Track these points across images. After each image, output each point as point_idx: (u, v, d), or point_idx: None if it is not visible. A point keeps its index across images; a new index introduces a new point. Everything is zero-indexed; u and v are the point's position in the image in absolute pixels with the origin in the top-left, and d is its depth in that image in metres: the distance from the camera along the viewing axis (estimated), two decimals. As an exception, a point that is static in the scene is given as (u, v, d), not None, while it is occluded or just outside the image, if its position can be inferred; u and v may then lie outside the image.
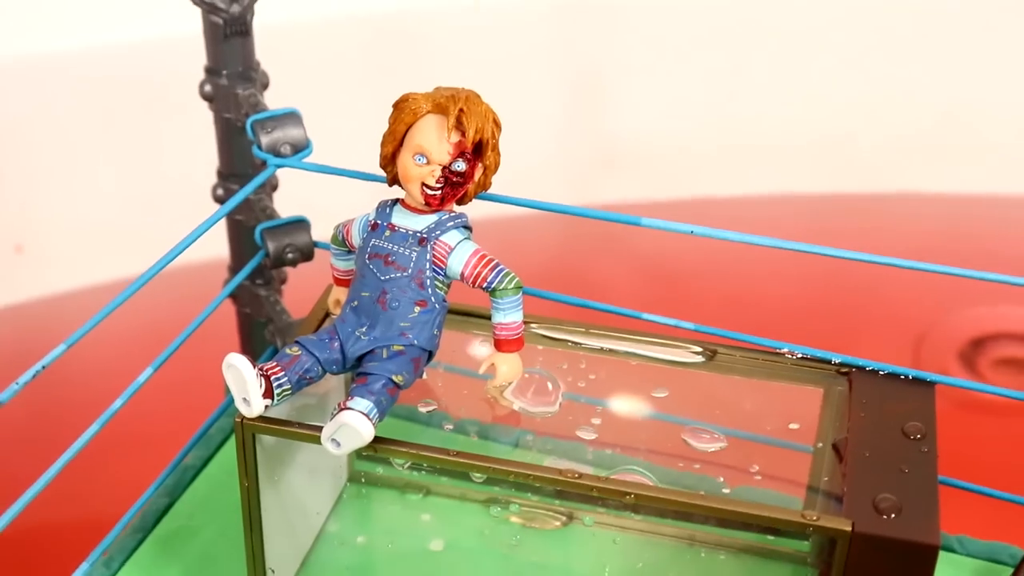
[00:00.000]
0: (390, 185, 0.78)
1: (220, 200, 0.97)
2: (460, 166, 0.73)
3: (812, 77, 1.87)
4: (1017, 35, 1.82)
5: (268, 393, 0.73)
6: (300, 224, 0.92)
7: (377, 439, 0.72)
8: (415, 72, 1.82)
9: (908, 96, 1.83)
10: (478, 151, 0.74)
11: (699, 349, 0.83)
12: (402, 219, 0.76)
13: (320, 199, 1.05)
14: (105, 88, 1.72)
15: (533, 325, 0.85)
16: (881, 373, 0.81)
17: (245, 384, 0.73)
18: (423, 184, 0.73)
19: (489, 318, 0.81)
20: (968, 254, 1.62)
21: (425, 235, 0.75)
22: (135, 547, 0.89)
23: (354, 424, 0.70)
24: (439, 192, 0.74)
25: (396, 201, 0.77)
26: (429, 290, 0.75)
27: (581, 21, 1.92)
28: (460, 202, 0.76)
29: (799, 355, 0.82)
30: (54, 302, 1.60)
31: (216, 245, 1.05)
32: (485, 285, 0.75)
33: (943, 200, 1.75)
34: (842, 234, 1.72)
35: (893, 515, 0.70)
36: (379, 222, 0.76)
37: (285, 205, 0.99)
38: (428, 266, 0.75)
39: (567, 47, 1.92)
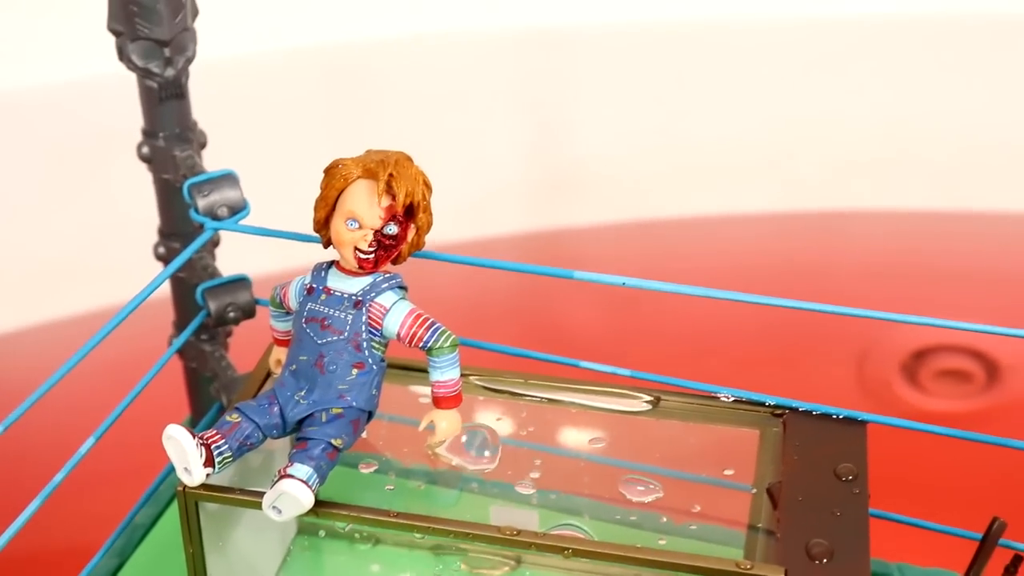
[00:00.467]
0: (325, 248, 0.79)
1: (162, 259, 0.98)
2: (392, 229, 0.75)
3: (756, 99, 1.90)
4: (954, 54, 1.85)
5: (209, 462, 0.74)
6: (240, 283, 0.92)
7: (319, 503, 0.73)
8: (365, 105, 1.83)
9: (848, 115, 1.86)
10: (409, 213, 0.75)
11: (639, 396, 0.84)
12: (337, 282, 0.77)
13: (261, 252, 1.06)
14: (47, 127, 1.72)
15: (472, 377, 0.86)
16: (814, 414, 0.83)
17: (185, 455, 0.73)
18: (356, 248, 0.75)
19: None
20: (911, 267, 1.66)
21: (360, 298, 0.76)
22: None
23: (293, 493, 0.71)
24: (372, 256, 0.75)
25: (331, 264, 0.78)
26: (366, 351, 0.76)
27: (531, 50, 1.95)
28: (395, 262, 0.77)
29: (734, 399, 0.84)
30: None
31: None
32: (421, 345, 0.76)
33: (886, 216, 1.78)
34: (791, 252, 1.76)
35: (825, 560, 0.71)
36: (315, 286, 0.77)
37: (227, 260, 1.00)
38: (364, 328, 0.76)
39: (518, 75, 1.94)
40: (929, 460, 1.22)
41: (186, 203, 0.95)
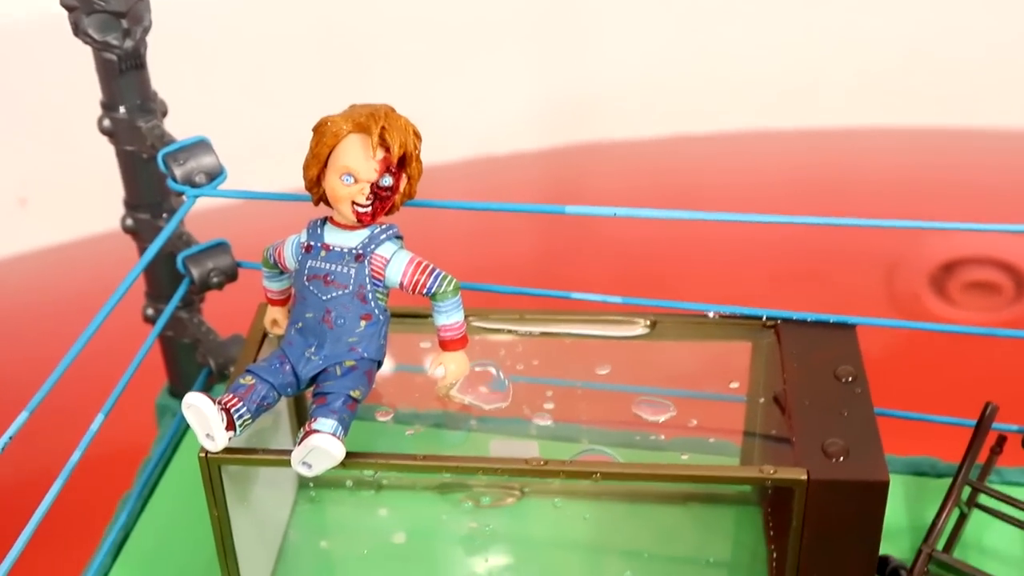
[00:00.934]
0: (316, 204, 0.79)
1: (130, 231, 0.96)
2: (387, 181, 0.75)
3: (778, 14, 1.88)
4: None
5: (230, 425, 0.74)
6: (221, 247, 0.92)
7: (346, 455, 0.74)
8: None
9: (873, 30, 1.84)
10: (401, 164, 0.76)
11: (636, 321, 0.86)
12: (335, 238, 0.77)
13: (237, 215, 1.05)
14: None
15: (470, 318, 0.87)
16: (805, 322, 0.85)
17: (207, 421, 0.74)
18: (353, 203, 0.75)
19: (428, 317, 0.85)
20: (937, 184, 1.68)
21: (361, 251, 0.76)
22: None
23: (325, 446, 0.72)
24: (370, 208, 0.75)
25: (325, 220, 0.78)
26: (372, 303, 0.76)
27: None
28: (388, 213, 0.78)
29: (728, 314, 0.86)
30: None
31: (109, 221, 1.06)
32: (425, 291, 0.77)
33: (913, 133, 1.79)
34: (816, 168, 1.76)
35: (842, 458, 0.74)
36: (312, 243, 0.77)
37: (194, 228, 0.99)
38: (368, 280, 0.76)
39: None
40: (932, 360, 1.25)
41: (152, 173, 0.94)
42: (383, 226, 0.77)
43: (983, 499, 0.88)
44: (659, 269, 1.49)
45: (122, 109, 0.90)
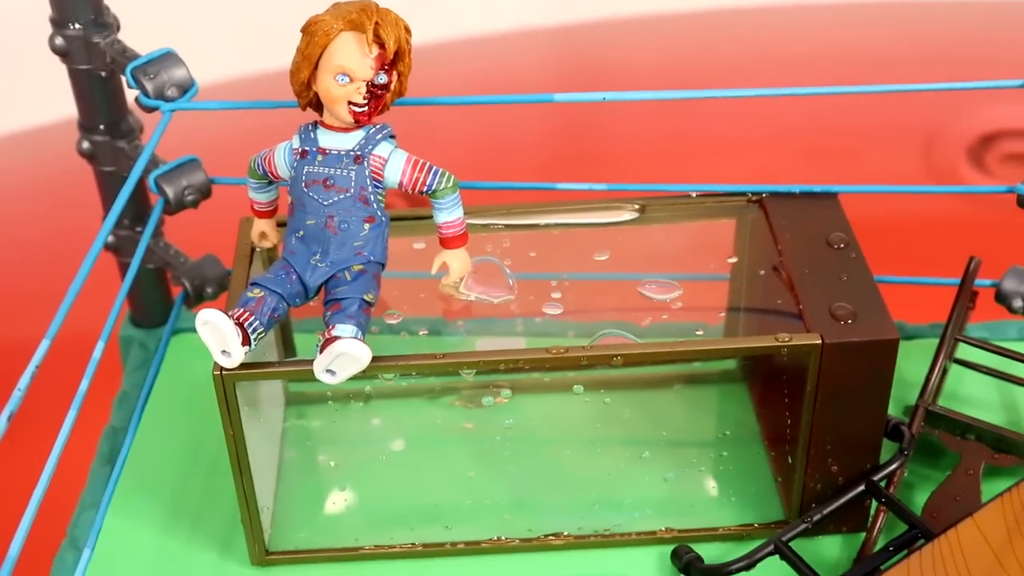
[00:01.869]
0: (303, 110, 0.77)
1: (87, 154, 0.92)
2: (382, 78, 0.73)
3: None
4: None
5: (245, 340, 0.73)
6: (192, 164, 0.89)
7: (362, 360, 0.74)
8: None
9: None
10: (394, 60, 0.74)
11: (625, 206, 0.87)
12: (330, 141, 0.75)
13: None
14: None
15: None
16: (787, 194, 0.87)
17: (224, 336, 0.72)
18: (349, 103, 0.73)
19: (416, 218, 0.84)
20: (972, 57, 1.65)
21: (359, 152, 0.75)
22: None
23: (352, 351, 0.71)
24: (367, 107, 0.74)
25: (316, 124, 0.76)
26: (374, 204, 0.75)
27: None
28: (380, 112, 0.77)
29: (715, 193, 0.87)
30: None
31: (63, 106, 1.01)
32: (425, 189, 0.76)
33: (954, 4, 1.78)
34: (857, 40, 1.74)
35: (850, 321, 0.76)
36: (307, 148, 0.76)
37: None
38: (369, 182, 0.75)
39: None
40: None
41: (109, 92, 0.91)
42: (377, 126, 0.76)
43: (959, 352, 0.92)
44: (687, 148, 1.46)
45: (74, 26, 0.86)
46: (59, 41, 0.87)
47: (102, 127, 0.91)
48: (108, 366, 1.02)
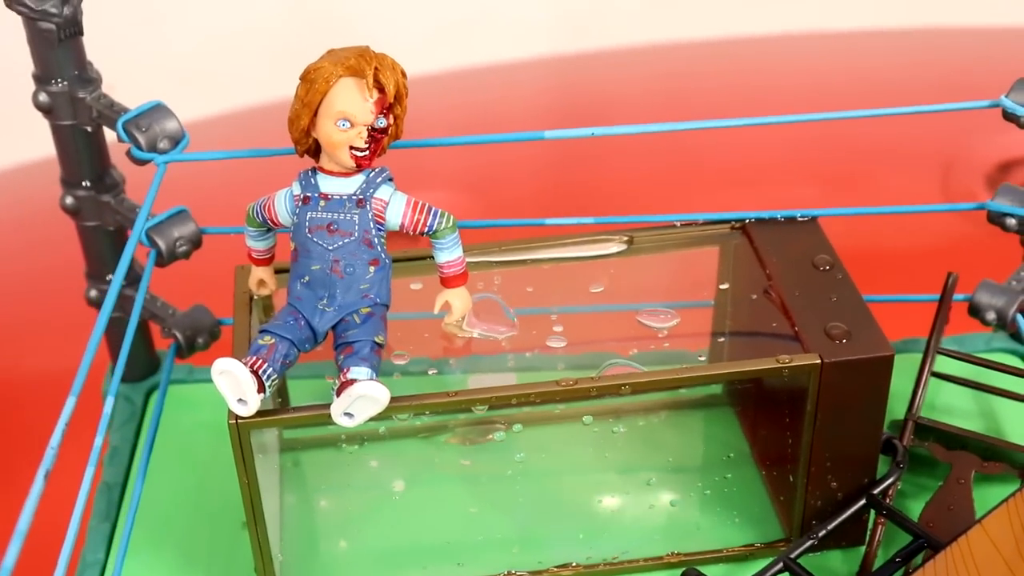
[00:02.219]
0: (301, 156, 0.78)
1: (70, 210, 0.92)
2: (382, 122, 0.75)
3: None
4: None
5: (260, 388, 0.73)
6: (182, 215, 0.89)
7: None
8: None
9: None
10: (392, 103, 0.75)
11: (613, 238, 0.88)
12: (332, 186, 0.76)
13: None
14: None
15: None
16: (769, 220, 0.90)
17: (240, 385, 0.73)
18: (351, 148, 0.74)
19: (411, 259, 0.87)
20: (989, 86, 1.69)
21: (361, 195, 0.76)
22: None
23: (371, 393, 0.72)
24: (368, 151, 0.75)
25: (315, 169, 0.77)
26: (378, 247, 0.76)
27: None
28: (378, 155, 0.78)
29: (700, 222, 0.89)
30: None
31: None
32: (426, 231, 0.77)
33: (964, 33, 1.78)
34: (873, 71, 1.73)
35: (845, 340, 0.79)
36: (309, 194, 0.77)
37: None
38: (372, 225, 0.76)
39: None
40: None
41: (94, 148, 0.90)
42: (376, 169, 0.77)
43: (937, 365, 0.95)
44: (690, 177, 1.47)
45: (58, 82, 0.86)
46: (43, 97, 0.87)
47: (86, 183, 0.91)
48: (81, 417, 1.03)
